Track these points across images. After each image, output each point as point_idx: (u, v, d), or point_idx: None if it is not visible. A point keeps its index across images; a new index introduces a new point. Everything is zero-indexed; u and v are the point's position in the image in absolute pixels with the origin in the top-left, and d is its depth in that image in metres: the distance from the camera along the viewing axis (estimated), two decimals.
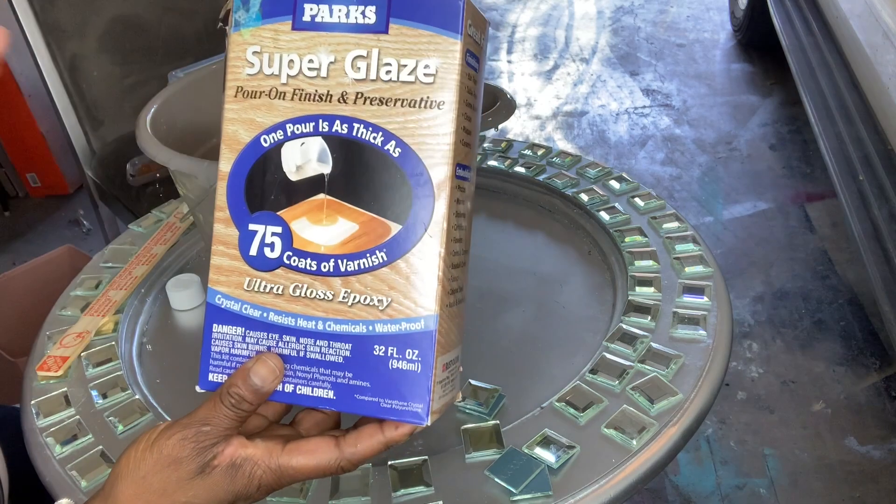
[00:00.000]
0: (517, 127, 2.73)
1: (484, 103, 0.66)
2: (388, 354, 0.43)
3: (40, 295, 1.39)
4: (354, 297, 0.44)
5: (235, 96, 0.46)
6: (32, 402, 0.75)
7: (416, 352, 0.43)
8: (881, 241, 1.40)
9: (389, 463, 0.63)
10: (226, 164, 0.46)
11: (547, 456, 0.62)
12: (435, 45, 0.43)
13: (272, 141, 0.45)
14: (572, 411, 0.66)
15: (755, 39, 2.98)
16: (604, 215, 0.91)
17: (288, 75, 0.45)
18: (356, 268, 0.44)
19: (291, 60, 0.45)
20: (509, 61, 3.26)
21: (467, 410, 0.70)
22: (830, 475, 1.41)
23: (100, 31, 1.61)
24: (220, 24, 0.51)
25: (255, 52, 0.46)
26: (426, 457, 0.63)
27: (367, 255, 0.44)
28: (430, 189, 0.43)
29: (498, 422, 0.66)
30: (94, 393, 0.75)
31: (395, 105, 0.44)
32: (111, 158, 1.64)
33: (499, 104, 0.65)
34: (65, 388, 0.76)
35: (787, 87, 2.71)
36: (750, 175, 2.32)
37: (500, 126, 0.64)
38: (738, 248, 2.01)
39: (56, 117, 1.63)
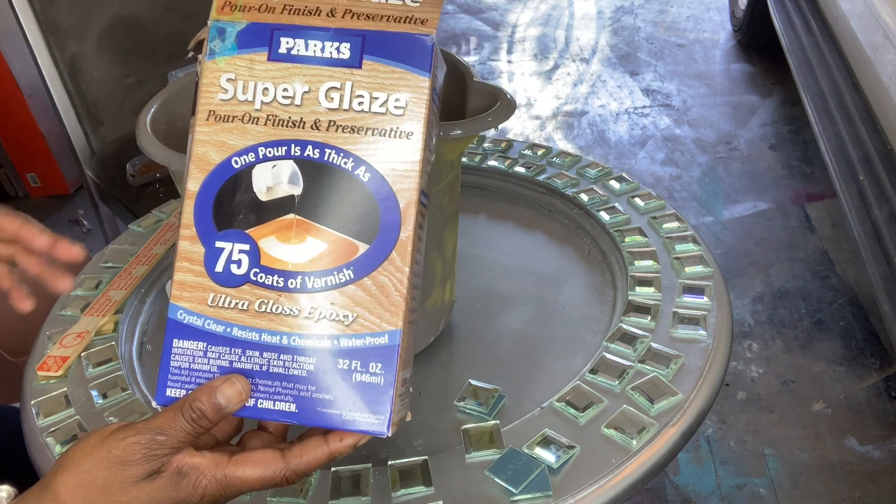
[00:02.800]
0: (517, 127, 2.73)
1: (484, 103, 0.67)
2: (352, 368, 0.45)
3: (40, 295, 1.39)
4: (321, 313, 0.45)
5: (207, 119, 0.47)
6: (32, 402, 0.75)
7: (380, 365, 0.45)
8: (881, 241, 1.40)
9: (389, 463, 0.63)
10: (194, 184, 0.47)
11: (547, 456, 0.62)
12: (405, 81, 0.46)
13: (244, 163, 0.47)
14: (572, 411, 0.66)
15: (755, 39, 2.98)
16: (604, 215, 0.91)
17: (262, 102, 0.47)
18: (323, 285, 0.45)
19: (266, 88, 0.47)
20: (509, 61, 3.26)
21: (467, 410, 0.70)
22: (830, 475, 1.41)
23: (100, 31, 1.61)
24: (191, 53, 0.52)
25: (229, 79, 0.48)
26: (426, 457, 0.63)
27: (335, 272, 0.45)
28: (398, 212, 0.45)
29: (498, 422, 0.66)
30: (94, 393, 0.75)
31: (366, 133, 0.46)
32: (111, 158, 1.64)
33: (499, 104, 0.65)
34: (65, 388, 0.76)
35: (787, 87, 2.71)
36: (750, 175, 2.32)
37: (500, 126, 0.64)
38: (738, 248, 2.01)
39: (56, 117, 1.63)
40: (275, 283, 0.46)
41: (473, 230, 0.97)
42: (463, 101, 0.71)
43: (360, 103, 0.46)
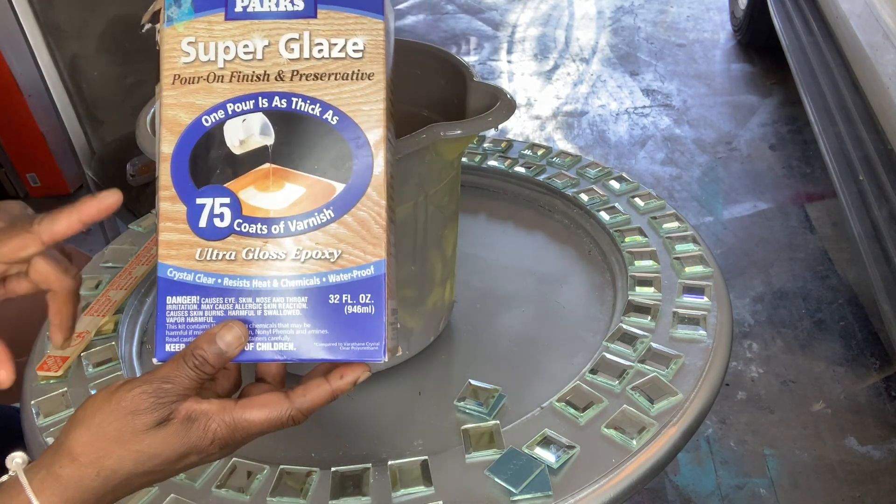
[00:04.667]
0: (517, 127, 2.73)
1: (484, 103, 0.67)
2: (343, 301, 0.47)
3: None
4: (306, 254, 0.47)
5: (173, 83, 0.49)
6: (32, 402, 0.75)
7: (369, 295, 0.47)
8: (881, 241, 1.40)
9: (389, 463, 0.63)
10: (167, 146, 0.48)
11: (547, 456, 0.62)
12: (361, 25, 0.48)
13: (213, 120, 0.48)
14: (572, 411, 0.66)
15: (755, 39, 2.98)
16: (604, 215, 0.91)
17: (224, 60, 0.49)
18: (306, 226, 0.47)
19: (227, 47, 0.49)
20: (509, 61, 3.26)
21: (467, 410, 0.70)
22: (830, 475, 1.41)
23: (100, 31, 1.61)
24: (148, 24, 0.53)
25: (189, 43, 0.49)
26: (426, 457, 0.63)
27: (316, 213, 0.47)
28: (369, 150, 0.47)
29: (498, 422, 0.66)
30: (93, 393, 0.75)
31: (329, 79, 0.48)
32: (111, 158, 1.64)
33: (499, 104, 0.65)
34: (65, 388, 0.76)
35: (787, 87, 2.71)
36: (750, 175, 2.32)
37: (500, 126, 0.64)
38: (738, 248, 2.01)
39: (56, 117, 1.63)
40: (259, 231, 0.47)
41: (473, 230, 0.97)
42: (463, 101, 0.71)
43: (320, 51, 0.48)
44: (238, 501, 0.62)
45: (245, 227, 0.47)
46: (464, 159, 1.03)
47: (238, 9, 0.49)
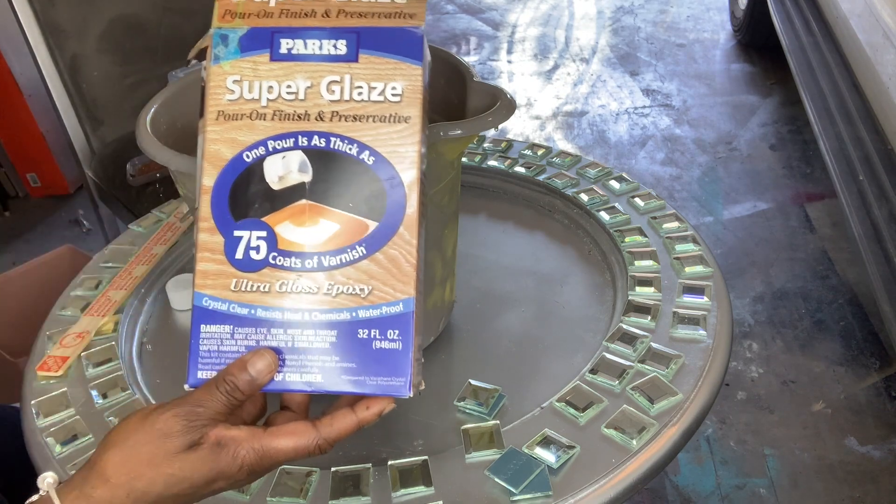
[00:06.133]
0: (517, 127, 2.73)
1: (484, 103, 0.67)
2: (372, 336, 0.48)
3: (40, 295, 1.39)
4: (338, 289, 0.48)
5: (217, 119, 0.51)
6: (32, 402, 0.75)
7: (397, 331, 0.48)
8: (881, 241, 1.40)
9: (389, 463, 0.63)
10: (209, 180, 0.50)
11: (547, 456, 0.62)
12: (400, 70, 0.50)
13: (254, 156, 0.50)
14: (572, 411, 0.66)
15: (755, 39, 2.98)
16: (604, 215, 0.91)
17: (268, 99, 0.51)
18: (338, 262, 0.49)
19: (271, 87, 0.51)
20: (509, 61, 3.26)
21: (467, 410, 0.70)
22: (830, 475, 1.41)
23: (100, 31, 1.61)
24: (193, 61, 0.54)
25: (235, 81, 0.51)
26: (426, 457, 0.63)
27: (349, 250, 0.49)
28: (402, 190, 0.49)
29: (498, 422, 0.66)
30: (94, 393, 0.75)
31: (367, 121, 0.50)
32: (111, 158, 1.64)
33: (499, 104, 0.65)
34: (65, 388, 0.76)
35: (787, 87, 2.71)
36: (750, 175, 2.32)
37: (500, 126, 0.64)
38: (738, 248, 2.01)
39: (56, 117, 1.63)
40: (293, 265, 0.49)
41: (473, 230, 0.97)
42: (463, 101, 0.71)
43: (360, 93, 0.50)
44: (238, 501, 0.62)
45: (280, 261, 0.49)
46: (464, 159, 1.03)
47: (283, 50, 0.51)
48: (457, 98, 0.72)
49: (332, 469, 0.63)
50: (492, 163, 1.05)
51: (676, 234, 0.87)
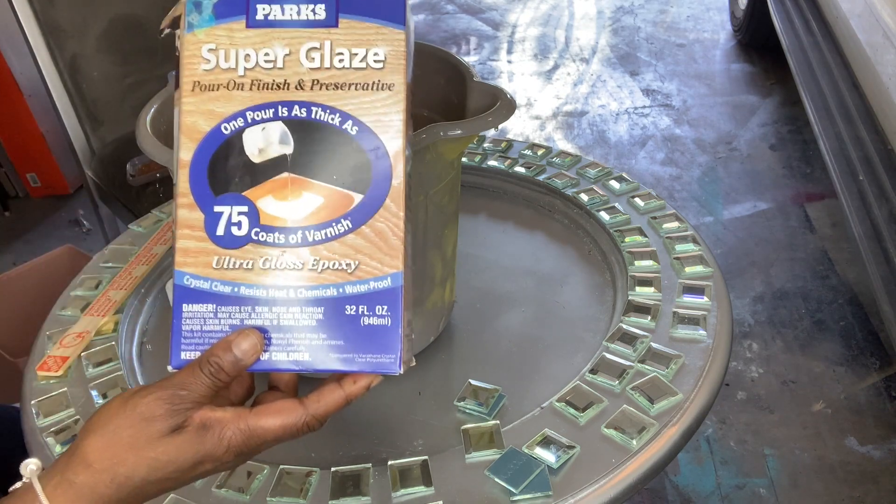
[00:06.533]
0: (517, 127, 2.73)
1: (484, 103, 0.67)
2: (360, 312, 0.47)
3: (40, 295, 1.39)
4: (323, 264, 0.47)
5: (193, 90, 0.49)
6: (32, 402, 0.75)
7: (385, 307, 0.47)
8: (881, 241, 1.40)
9: (389, 463, 0.63)
10: (186, 153, 0.48)
11: (547, 456, 0.62)
12: (382, 35, 0.48)
13: (233, 128, 0.48)
14: (572, 411, 0.66)
15: (755, 39, 2.98)
16: (604, 215, 0.91)
17: (245, 68, 0.48)
18: (323, 237, 0.47)
19: (248, 55, 0.49)
20: (509, 61, 3.26)
21: (467, 410, 0.70)
22: (830, 475, 1.41)
23: (100, 31, 1.61)
24: (168, 30, 0.52)
25: (210, 50, 0.49)
26: (426, 457, 0.63)
27: (333, 224, 0.47)
28: (388, 160, 0.47)
29: (498, 422, 0.66)
30: (94, 393, 0.75)
31: (349, 89, 0.48)
32: (111, 158, 1.64)
33: (499, 104, 0.65)
34: (65, 388, 0.76)
35: (787, 87, 2.71)
36: (750, 175, 2.32)
37: (500, 126, 0.64)
38: (738, 248, 2.01)
39: (56, 117, 1.63)
40: (276, 240, 0.47)
41: (473, 230, 0.97)
42: (463, 101, 0.71)
43: (341, 60, 0.48)
44: (238, 501, 0.62)
45: (262, 236, 0.47)
46: (464, 159, 1.03)
47: (259, 17, 0.49)
48: (457, 98, 0.72)
49: (332, 469, 0.63)
50: (492, 163, 1.05)
51: (676, 234, 0.87)
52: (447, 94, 0.74)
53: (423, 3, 3.92)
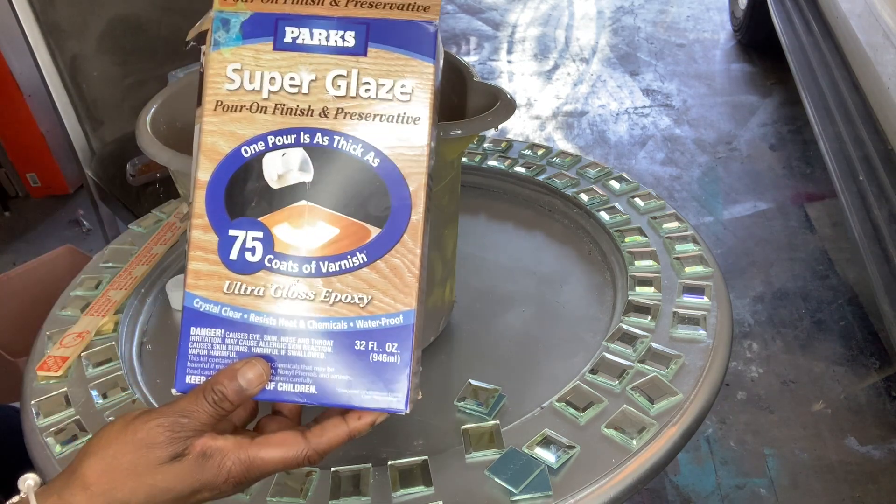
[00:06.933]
0: (517, 127, 2.73)
1: (484, 103, 0.67)
2: (369, 348, 0.46)
3: (40, 295, 1.39)
4: (336, 296, 0.46)
5: (215, 110, 0.48)
6: (32, 402, 0.75)
7: (396, 345, 0.46)
8: (881, 241, 1.40)
9: (389, 463, 0.63)
10: (204, 174, 0.47)
11: (547, 456, 0.62)
12: (410, 67, 0.47)
13: (253, 151, 0.47)
14: (572, 411, 0.66)
15: (755, 39, 2.98)
16: (604, 215, 0.91)
17: (269, 91, 0.48)
18: (337, 269, 0.46)
19: (273, 77, 0.48)
20: (509, 61, 3.26)
21: (467, 410, 0.70)
22: (830, 475, 1.41)
23: (100, 31, 1.61)
24: (193, 43, 0.52)
25: (235, 70, 0.48)
26: (426, 457, 0.63)
27: (348, 256, 0.46)
28: (408, 196, 0.46)
29: (498, 422, 0.66)
30: (94, 393, 0.75)
31: (374, 119, 0.47)
32: (111, 158, 1.64)
33: (499, 104, 0.65)
34: (65, 388, 0.76)
35: (787, 87, 2.71)
36: (750, 175, 2.32)
37: (500, 126, 0.64)
38: (738, 248, 2.01)
39: (56, 117, 1.63)
40: (289, 269, 0.46)
41: (473, 230, 0.97)
42: (463, 101, 0.71)
43: (367, 90, 0.47)
44: (238, 501, 0.62)
45: (276, 264, 0.47)
46: (464, 159, 1.03)
47: (287, 39, 0.48)
48: (457, 98, 0.72)
49: (332, 469, 0.63)
50: (492, 163, 1.05)
51: (676, 234, 0.87)
52: (447, 94, 0.74)
53: None
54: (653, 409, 0.65)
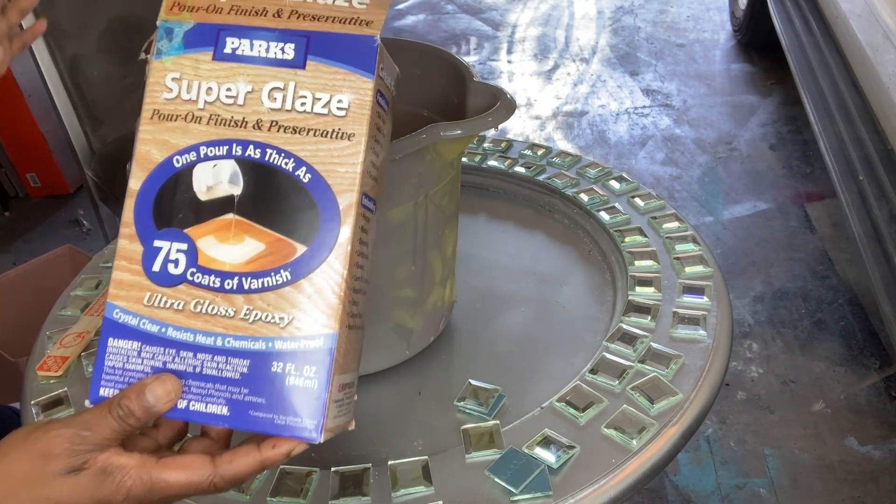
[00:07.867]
0: (517, 127, 2.73)
1: (484, 103, 0.67)
2: (286, 371, 0.44)
3: (40, 295, 1.39)
4: (256, 315, 0.44)
5: (151, 118, 0.47)
6: (32, 402, 0.75)
7: (314, 368, 0.43)
8: (881, 241, 1.40)
9: (389, 463, 0.63)
10: (136, 183, 0.46)
11: (547, 456, 0.62)
12: (349, 82, 0.45)
13: (185, 162, 0.46)
14: (572, 411, 0.66)
15: (755, 39, 2.98)
16: (604, 215, 0.91)
17: (205, 101, 0.47)
18: (260, 286, 0.44)
19: (210, 88, 0.47)
20: (509, 61, 3.26)
21: (467, 410, 0.70)
22: (830, 475, 1.41)
23: (100, 31, 1.61)
24: (143, 54, 0.51)
25: (174, 79, 0.47)
26: (426, 457, 0.63)
27: (272, 273, 0.44)
28: (337, 214, 0.44)
29: (498, 422, 0.66)
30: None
31: (307, 134, 0.45)
32: (111, 158, 1.64)
33: (499, 104, 0.65)
34: (65, 388, 0.76)
35: (787, 87, 2.71)
36: (750, 175, 2.32)
37: (500, 126, 0.64)
38: (738, 248, 2.01)
39: (56, 117, 1.63)
40: (211, 284, 0.45)
41: (473, 230, 0.97)
42: (463, 101, 0.71)
43: (303, 104, 0.46)
44: (238, 501, 0.62)
45: (198, 278, 0.45)
46: (464, 159, 1.03)
47: (227, 50, 0.47)
48: (457, 98, 0.72)
49: (332, 469, 0.63)
50: (492, 163, 1.05)
51: (676, 234, 0.87)
52: (447, 94, 0.74)
53: (423, 3, 3.92)
54: (653, 409, 0.65)
